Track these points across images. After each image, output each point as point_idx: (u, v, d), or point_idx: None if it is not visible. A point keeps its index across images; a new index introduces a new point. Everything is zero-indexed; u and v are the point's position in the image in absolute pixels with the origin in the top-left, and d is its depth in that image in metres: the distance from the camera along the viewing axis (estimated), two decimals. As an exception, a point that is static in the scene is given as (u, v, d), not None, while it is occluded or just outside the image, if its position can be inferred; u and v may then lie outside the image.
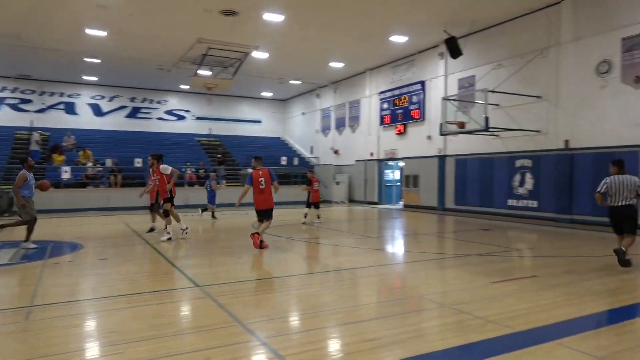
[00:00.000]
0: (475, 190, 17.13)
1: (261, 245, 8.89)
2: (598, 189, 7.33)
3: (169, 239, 10.06)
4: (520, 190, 15.38)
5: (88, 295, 5.77)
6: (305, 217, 13.78)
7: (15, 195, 8.84)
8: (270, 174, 9.08)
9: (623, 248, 6.98)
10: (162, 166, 10.42)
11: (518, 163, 15.50)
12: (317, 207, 13.84)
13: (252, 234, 8.99)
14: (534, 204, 14.96)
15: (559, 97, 14.16)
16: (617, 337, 4.08)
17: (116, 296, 5.56)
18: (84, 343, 4.08)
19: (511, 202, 15.70)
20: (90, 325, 4.62)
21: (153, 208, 11.85)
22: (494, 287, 5.89)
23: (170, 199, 10.44)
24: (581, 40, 13.62)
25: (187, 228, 10.66)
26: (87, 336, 4.28)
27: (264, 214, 9.02)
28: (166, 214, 10.37)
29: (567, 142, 13.96)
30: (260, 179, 8.95)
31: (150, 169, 11.09)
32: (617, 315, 4.78)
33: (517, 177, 15.51)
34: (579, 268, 7.21)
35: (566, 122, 13.99)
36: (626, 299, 5.42)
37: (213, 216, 15.63)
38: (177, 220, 10.55)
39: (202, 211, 16.08)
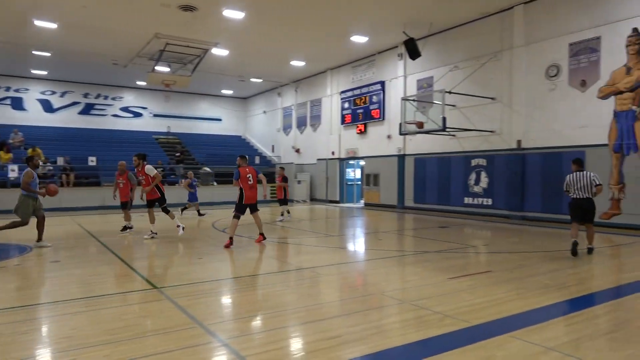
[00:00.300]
0: (433, 189, 17.57)
1: (229, 245, 9.05)
2: (565, 189, 8.49)
3: (182, 228, 10.61)
4: (476, 189, 15.91)
5: (39, 300, 5.51)
6: (289, 212, 14.68)
7: (31, 192, 9.01)
8: (256, 171, 9.61)
9: (591, 246, 8.19)
10: (147, 167, 10.58)
11: (474, 162, 16.02)
12: (285, 203, 14.78)
13: (260, 238, 9.63)
14: (488, 201, 15.50)
15: (512, 99, 14.73)
16: (565, 328, 4.30)
17: (69, 300, 5.35)
18: (33, 350, 3.89)
19: (467, 200, 16.21)
20: (41, 331, 4.42)
21: (126, 207, 11.82)
22: (451, 283, 6.07)
23: (160, 200, 10.69)
24: (532, 45, 14.22)
25: (155, 233, 10.57)
26: (37, 343, 4.08)
27: (253, 207, 9.48)
28: (166, 211, 10.68)
29: (519, 142, 14.54)
30: (248, 176, 9.34)
31: (136, 169, 11.01)
32: (566, 308, 5.03)
33: (473, 176, 16.02)
34: (530, 263, 7.53)
35: (518, 123, 14.57)
36: (574, 291, 5.71)
37: (199, 214, 16.06)
38: (152, 221, 10.62)
39: (199, 213, 16.20)
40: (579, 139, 13.03)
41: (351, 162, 22.86)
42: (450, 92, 15.15)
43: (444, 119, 14.38)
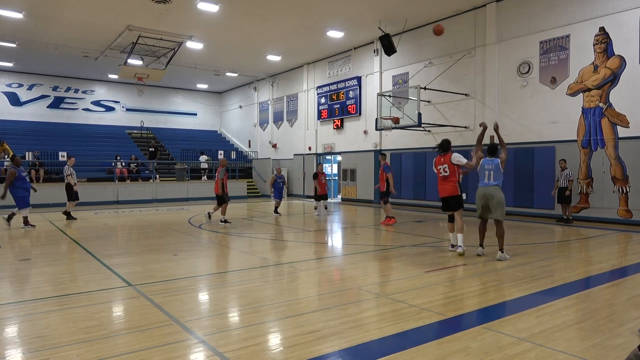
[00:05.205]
0: (409, 184, 17.77)
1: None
2: (556, 179, 12.56)
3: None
4: (451, 184, 16.13)
5: (8, 299, 5.35)
6: (316, 208, 15.25)
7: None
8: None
9: (569, 216, 12.36)
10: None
11: (448, 157, 16.23)
12: (325, 199, 15.25)
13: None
14: (463, 196, 15.74)
15: (485, 95, 15.00)
16: (537, 319, 4.42)
17: (41, 299, 5.21)
18: (4, 350, 3.77)
19: (442, 194, 16.43)
20: (11, 331, 4.29)
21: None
22: (427, 277, 6.17)
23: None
24: (504, 42, 14.50)
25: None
26: (7, 343, 3.97)
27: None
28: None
29: (492, 138, 14.80)
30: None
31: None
32: (537, 299, 5.17)
33: (448, 171, 16.24)
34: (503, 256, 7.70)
35: (491, 119, 14.84)
36: (544, 283, 5.87)
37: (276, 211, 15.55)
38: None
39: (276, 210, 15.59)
40: (549, 135, 13.38)
41: (328, 157, 22.91)
42: (425, 88, 15.33)
43: (420, 115, 14.54)
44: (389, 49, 16.08)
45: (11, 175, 11.06)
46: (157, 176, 22.10)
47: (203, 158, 24.63)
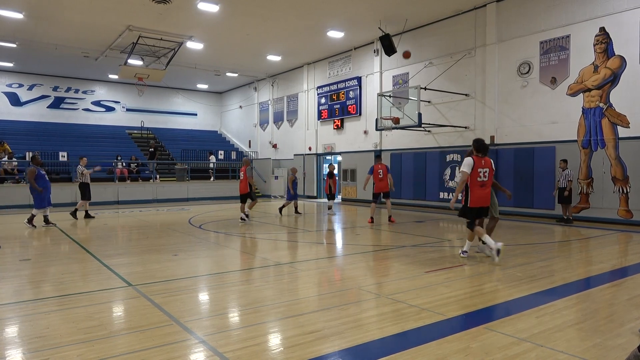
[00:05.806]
0: (409, 184, 17.77)
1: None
2: (557, 180, 12.59)
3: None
4: (451, 184, 16.17)
5: (8, 300, 5.35)
6: (330, 207, 15.91)
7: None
8: (386, 167, 12.76)
9: (570, 216, 12.40)
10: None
11: (448, 158, 16.27)
12: (332, 198, 15.96)
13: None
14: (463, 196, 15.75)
15: (485, 95, 15.00)
16: (537, 319, 4.42)
17: (41, 299, 5.21)
18: (4, 350, 3.77)
19: (442, 194, 16.46)
20: (11, 331, 4.28)
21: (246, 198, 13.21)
22: (427, 277, 6.16)
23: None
24: (504, 42, 14.50)
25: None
26: (7, 343, 3.96)
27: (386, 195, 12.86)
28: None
29: (492, 137, 14.83)
30: (379, 171, 12.45)
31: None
32: (537, 299, 5.17)
33: (448, 171, 16.28)
34: (503, 256, 7.69)
35: (492, 119, 14.86)
36: (544, 284, 5.87)
37: (296, 211, 15.85)
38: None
39: (296, 210, 15.83)
40: (549, 135, 13.38)
41: (328, 157, 22.90)
42: (425, 88, 15.33)
43: (420, 115, 14.54)
44: (389, 49, 16.08)
45: (31, 173, 11.40)
46: (157, 176, 22.11)
47: (213, 158, 24.80)
